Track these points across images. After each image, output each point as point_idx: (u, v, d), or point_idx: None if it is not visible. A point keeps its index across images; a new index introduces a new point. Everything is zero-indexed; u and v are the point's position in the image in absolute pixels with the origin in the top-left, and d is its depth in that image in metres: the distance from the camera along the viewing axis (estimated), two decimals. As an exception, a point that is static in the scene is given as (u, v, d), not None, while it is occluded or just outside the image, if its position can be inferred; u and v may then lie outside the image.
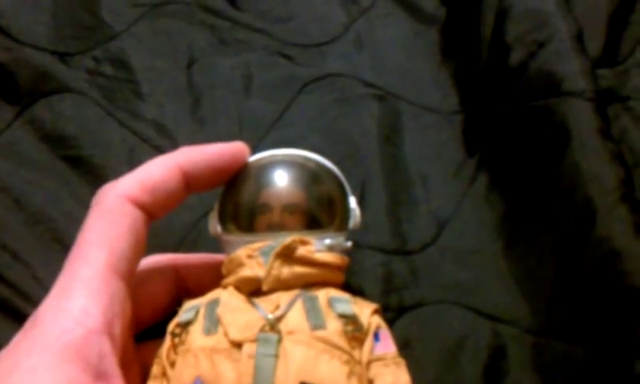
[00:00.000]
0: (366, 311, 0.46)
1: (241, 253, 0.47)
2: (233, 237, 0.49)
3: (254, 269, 0.46)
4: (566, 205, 0.57)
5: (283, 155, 0.51)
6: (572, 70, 0.61)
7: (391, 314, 0.57)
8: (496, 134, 0.66)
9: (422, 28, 0.77)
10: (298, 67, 0.73)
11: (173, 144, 0.65)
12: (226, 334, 0.43)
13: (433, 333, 0.57)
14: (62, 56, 0.70)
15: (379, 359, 0.44)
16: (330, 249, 0.48)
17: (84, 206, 0.59)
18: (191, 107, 0.68)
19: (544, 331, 0.56)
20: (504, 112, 0.65)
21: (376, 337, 0.45)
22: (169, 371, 0.44)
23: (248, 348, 0.42)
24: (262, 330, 0.43)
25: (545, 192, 0.60)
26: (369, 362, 0.44)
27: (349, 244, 0.50)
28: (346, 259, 0.49)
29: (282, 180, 0.50)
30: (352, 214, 0.51)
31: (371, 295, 0.57)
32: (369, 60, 0.74)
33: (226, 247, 0.49)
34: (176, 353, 0.45)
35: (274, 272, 0.45)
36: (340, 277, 0.49)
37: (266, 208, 0.49)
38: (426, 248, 0.61)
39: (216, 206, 0.51)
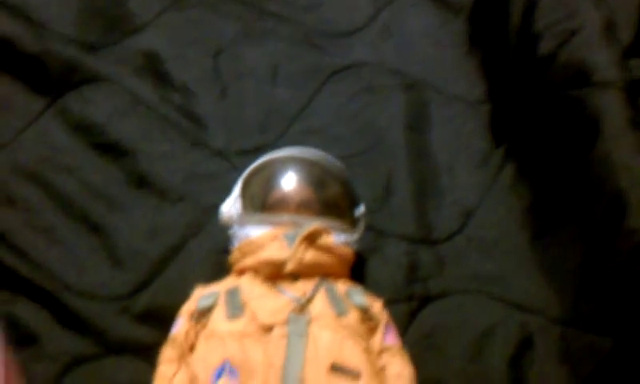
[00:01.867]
0: (376, 304, 0.51)
1: (263, 235, 0.51)
2: (255, 218, 0.52)
3: (277, 251, 0.49)
4: (594, 196, 0.57)
5: (308, 153, 0.56)
6: (603, 60, 0.61)
7: (415, 302, 0.57)
8: (523, 123, 0.66)
9: (448, 17, 0.77)
10: (324, 56, 0.73)
11: (200, 129, 0.66)
12: (253, 319, 0.46)
13: (458, 322, 0.57)
14: (91, 47, 0.71)
15: (388, 349, 0.49)
16: (345, 243, 0.52)
17: (114, 190, 0.61)
18: (219, 95, 0.69)
19: (571, 322, 0.56)
20: (532, 102, 0.65)
21: (387, 329, 0.50)
22: (187, 355, 0.47)
23: (279, 329, 0.45)
24: (292, 312, 0.46)
25: (573, 183, 0.59)
26: (380, 352, 0.49)
27: (355, 243, 0.54)
28: (354, 255, 0.53)
29: (306, 176, 0.55)
30: (361, 216, 0.56)
31: (395, 284, 0.58)
32: (395, 49, 0.74)
33: (243, 232, 0.52)
34: (196, 337, 0.48)
35: (299, 255, 0.49)
36: (348, 271, 0.53)
37: (288, 198, 0.53)
38: (452, 238, 0.61)
39: (236, 192, 0.54)
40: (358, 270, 0.56)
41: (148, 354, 0.50)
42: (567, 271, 0.58)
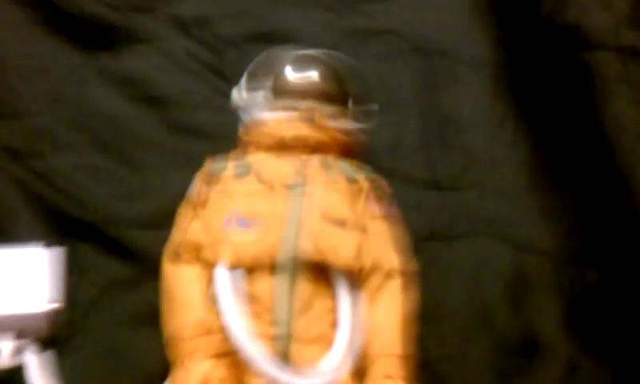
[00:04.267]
0: (362, 177, 0.60)
1: (267, 115, 0.60)
2: (259, 101, 0.61)
3: (279, 127, 0.59)
4: (587, 144, 0.63)
5: (315, 51, 0.64)
6: (597, 23, 0.67)
7: (421, 241, 0.63)
8: (526, 81, 0.72)
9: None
10: (340, 20, 0.78)
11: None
12: (259, 178, 0.57)
13: (459, 257, 0.64)
14: (134, 7, 0.75)
15: (370, 213, 0.59)
16: (338, 127, 0.61)
17: (153, 135, 0.67)
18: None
19: (562, 257, 0.62)
20: (533, 60, 0.71)
21: (368, 197, 0.60)
22: (200, 210, 0.57)
23: (280, 187, 0.55)
24: (291, 175, 0.56)
25: (568, 133, 0.66)
26: (363, 213, 0.58)
27: (354, 126, 0.62)
28: (349, 140, 0.62)
29: (306, 66, 0.63)
30: (365, 111, 0.64)
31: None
32: (409, 12, 0.79)
33: (249, 112, 0.61)
34: (208, 194, 0.57)
35: (298, 132, 0.59)
36: (341, 151, 0.61)
37: (289, 84, 0.62)
38: (457, 183, 0.68)
39: (244, 77, 0.63)
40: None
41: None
42: (561, 213, 0.65)
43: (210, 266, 0.53)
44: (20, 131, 0.67)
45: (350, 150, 0.62)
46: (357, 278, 0.55)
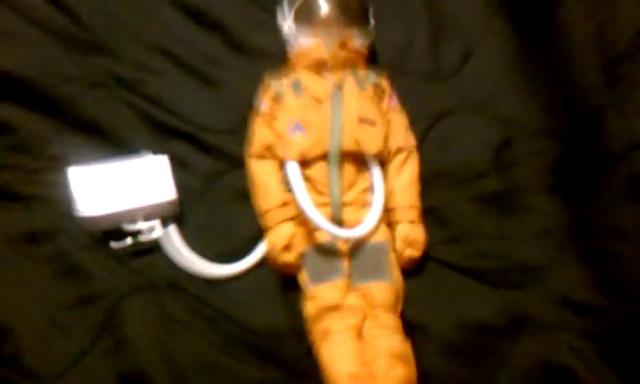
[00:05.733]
0: (384, 81, 0.82)
1: (311, 42, 0.79)
2: (304, 30, 0.79)
3: (321, 52, 0.79)
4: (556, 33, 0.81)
5: None
6: None
7: (432, 120, 0.84)
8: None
9: None
10: None
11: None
12: (310, 95, 0.78)
13: (457, 136, 0.83)
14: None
15: (392, 109, 0.81)
16: (362, 44, 0.81)
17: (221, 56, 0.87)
18: None
19: (544, 132, 0.81)
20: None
21: (389, 96, 0.82)
22: (271, 121, 0.79)
23: (326, 100, 0.77)
24: (333, 88, 0.78)
25: (546, 27, 0.83)
26: (387, 111, 0.81)
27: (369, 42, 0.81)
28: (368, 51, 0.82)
29: (338, 1, 0.80)
30: (371, 28, 0.82)
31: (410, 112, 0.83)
32: None
33: (296, 40, 0.79)
34: (276, 109, 0.79)
35: (335, 54, 0.79)
36: (365, 61, 0.82)
37: (328, 12, 0.79)
38: (456, 74, 0.86)
39: (289, 10, 0.80)
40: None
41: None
42: (544, 92, 0.82)
43: (280, 160, 0.76)
44: (121, 63, 0.83)
45: (369, 58, 0.82)
46: (385, 159, 0.77)
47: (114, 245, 0.76)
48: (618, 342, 0.70)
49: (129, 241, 0.76)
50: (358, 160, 0.76)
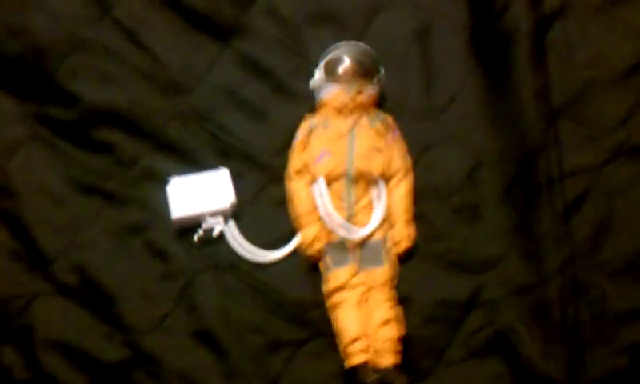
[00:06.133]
0: (389, 119, 1.06)
1: (334, 91, 1.03)
2: (331, 83, 1.03)
3: (342, 98, 1.02)
4: (514, 88, 1.06)
5: (356, 45, 1.05)
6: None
7: (421, 149, 1.06)
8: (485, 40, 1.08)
9: None
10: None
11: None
12: (334, 130, 1.02)
13: (440, 161, 1.03)
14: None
15: (395, 139, 1.05)
16: (373, 91, 1.05)
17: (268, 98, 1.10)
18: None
19: (502, 157, 1.01)
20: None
21: (392, 129, 1.06)
22: (306, 148, 0.97)
23: (345, 134, 0.97)
24: (349, 126, 1.01)
25: (506, 81, 1.07)
26: (391, 141, 1.04)
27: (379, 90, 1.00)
28: (378, 97, 1.05)
29: (355, 54, 1.04)
30: (381, 77, 1.07)
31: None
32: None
33: (323, 90, 0.99)
34: (309, 141, 1.03)
35: (353, 99, 1.02)
36: (375, 105, 1.05)
37: (347, 67, 1.04)
38: (443, 112, 1.08)
39: (321, 67, 1.04)
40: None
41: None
42: (506, 128, 1.02)
43: (311, 180, 0.96)
44: (193, 99, 1.03)
45: (378, 101, 1.06)
46: (387, 177, 0.97)
47: (195, 237, 0.96)
48: (546, 310, 0.92)
49: (201, 232, 0.96)
50: (368, 178, 0.96)
